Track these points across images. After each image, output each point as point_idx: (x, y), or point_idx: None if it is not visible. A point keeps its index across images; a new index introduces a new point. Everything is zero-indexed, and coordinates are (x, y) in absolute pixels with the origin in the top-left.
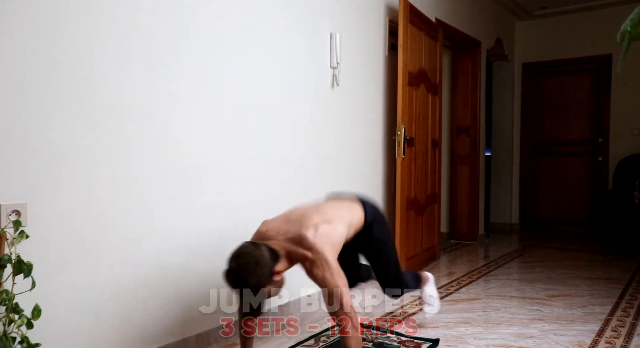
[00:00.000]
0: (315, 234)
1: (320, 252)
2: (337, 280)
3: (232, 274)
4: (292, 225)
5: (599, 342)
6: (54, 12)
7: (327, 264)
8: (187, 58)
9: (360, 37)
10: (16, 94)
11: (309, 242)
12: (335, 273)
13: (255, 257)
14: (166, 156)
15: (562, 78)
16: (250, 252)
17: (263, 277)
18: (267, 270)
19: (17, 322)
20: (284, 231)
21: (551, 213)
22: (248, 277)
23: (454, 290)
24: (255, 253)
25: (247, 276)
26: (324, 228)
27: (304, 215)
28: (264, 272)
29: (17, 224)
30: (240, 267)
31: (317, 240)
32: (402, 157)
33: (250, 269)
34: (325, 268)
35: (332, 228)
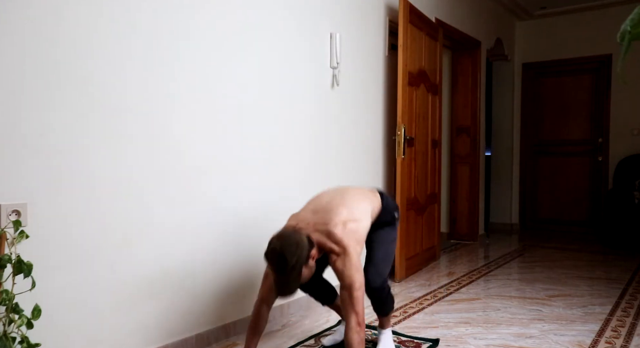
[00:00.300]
0: (343, 231)
1: (346, 248)
2: (355, 276)
3: (275, 253)
4: (320, 217)
5: (599, 342)
6: (54, 12)
7: (350, 260)
8: (187, 58)
9: (360, 37)
10: (16, 94)
11: (337, 238)
12: (354, 270)
13: (297, 239)
14: (166, 156)
15: (562, 78)
16: (292, 235)
17: (301, 258)
18: (305, 252)
19: (17, 322)
20: (313, 223)
21: (551, 213)
22: (289, 257)
23: (454, 290)
24: (296, 236)
25: (289, 256)
26: (351, 226)
27: (332, 207)
28: (303, 254)
29: (17, 224)
30: (283, 247)
31: (344, 237)
32: (402, 157)
33: (292, 250)
34: (347, 263)
35: (358, 226)
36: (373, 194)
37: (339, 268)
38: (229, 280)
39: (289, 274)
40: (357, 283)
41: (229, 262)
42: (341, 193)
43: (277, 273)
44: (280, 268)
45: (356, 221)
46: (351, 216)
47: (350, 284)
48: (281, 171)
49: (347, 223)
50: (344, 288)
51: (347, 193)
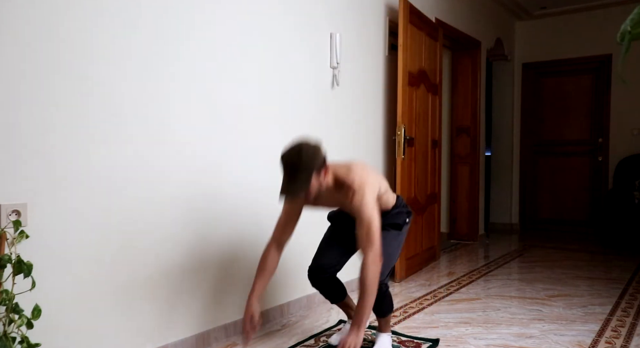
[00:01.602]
0: (361, 174)
1: (362, 188)
2: (372, 213)
3: (292, 149)
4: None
5: (599, 342)
6: (54, 13)
7: (365, 198)
8: (187, 58)
9: (360, 37)
10: (16, 94)
11: (354, 184)
12: (371, 207)
13: (316, 144)
14: (166, 156)
15: (562, 78)
16: (310, 142)
17: (316, 161)
18: (320, 159)
19: (17, 322)
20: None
21: (551, 213)
22: (304, 155)
23: (454, 290)
24: (314, 144)
25: (306, 151)
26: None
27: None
28: (318, 159)
29: (17, 224)
30: (301, 145)
31: (363, 182)
32: (402, 157)
33: (310, 150)
34: (363, 200)
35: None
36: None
37: (356, 204)
38: (229, 280)
39: (299, 172)
40: (374, 221)
41: (228, 261)
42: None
43: (288, 169)
44: (294, 163)
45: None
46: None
47: (369, 220)
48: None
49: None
50: (362, 225)
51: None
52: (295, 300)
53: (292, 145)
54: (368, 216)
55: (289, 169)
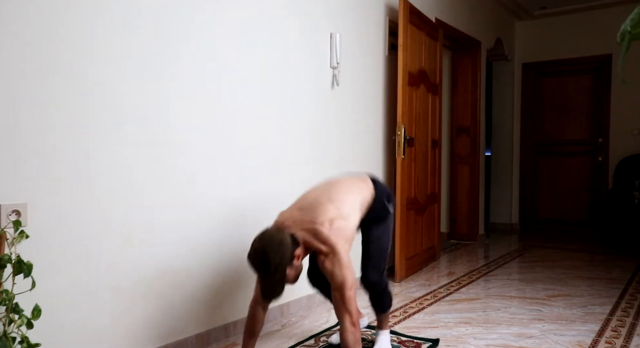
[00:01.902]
0: (330, 229)
1: (333, 246)
2: (346, 274)
3: (257, 253)
4: (306, 214)
5: (599, 342)
6: (54, 12)
7: (338, 259)
8: (187, 58)
9: (360, 37)
10: (16, 94)
11: (323, 237)
12: (344, 268)
13: (279, 239)
14: (166, 156)
15: (562, 78)
16: (273, 235)
17: (285, 257)
18: (289, 251)
19: (17, 322)
20: (299, 221)
21: (551, 214)
22: (271, 256)
23: (454, 290)
24: (278, 235)
25: (271, 255)
26: (339, 224)
27: (318, 204)
28: (286, 253)
29: (17, 224)
30: (264, 247)
31: (331, 235)
32: (402, 157)
33: (274, 248)
34: (335, 262)
35: (346, 224)
36: (364, 182)
37: (328, 269)
38: (229, 280)
39: (272, 275)
40: (348, 282)
41: (228, 261)
42: (329, 188)
43: (261, 275)
44: (264, 270)
45: (344, 219)
46: (338, 213)
47: (342, 284)
48: (281, 171)
49: (334, 222)
50: (335, 288)
51: (336, 187)
52: (295, 300)
53: (256, 249)
54: (341, 281)
55: (261, 276)
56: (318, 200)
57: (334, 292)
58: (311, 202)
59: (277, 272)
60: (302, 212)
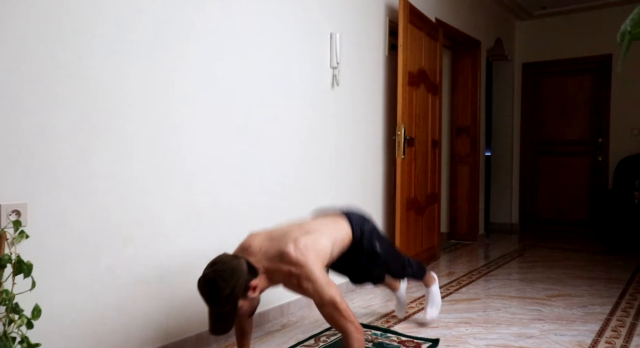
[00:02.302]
0: (296, 248)
1: (304, 265)
2: (327, 289)
3: (206, 281)
4: (274, 244)
5: (599, 342)
6: (54, 13)
7: (313, 276)
8: (187, 58)
9: (360, 37)
10: (16, 94)
11: (290, 257)
12: (323, 284)
13: (232, 266)
14: (166, 156)
15: (562, 78)
16: (227, 261)
17: (237, 288)
18: (242, 281)
19: (17, 322)
20: (265, 249)
21: (551, 214)
22: (222, 285)
23: (454, 290)
24: (232, 262)
25: (221, 284)
26: (305, 240)
27: (286, 232)
28: (239, 283)
29: (17, 224)
30: (215, 274)
31: (298, 253)
32: (402, 157)
33: (226, 277)
34: (312, 280)
35: (312, 239)
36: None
37: (308, 289)
38: None
39: (222, 307)
40: (336, 297)
41: None
42: (300, 223)
43: (209, 306)
44: (213, 300)
45: (310, 233)
46: (304, 231)
47: (330, 300)
48: (281, 171)
49: (300, 239)
50: (325, 306)
51: (307, 222)
52: (295, 300)
53: (205, 275)
54: (328, 298)
55: (210, 307)
56: (288, 230)
57: (323, 309)
58: (280, 234)
59: (228, 303)
60: (271, 241)
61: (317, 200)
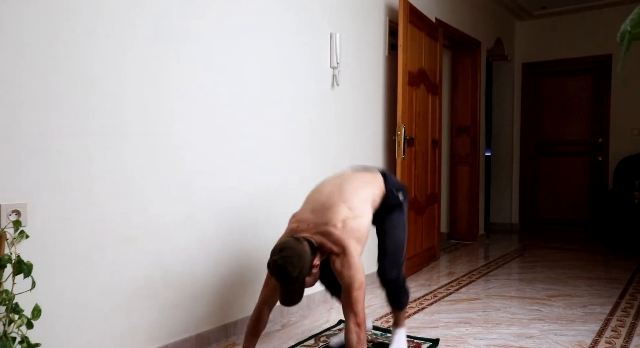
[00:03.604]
0: (343, 229)
1: (345, 247)
2: (356, 277)
3: (277, 267)
4: (319, 217)
5: (599, 342)
6: (53, 13)
7: (349, 261)
8: (187, 58)
9: (360, 37)
10: (16, 94)
11: (335, 237)
12: (353, 269)
13: (299, 251)
14: (165, 156)
15: (562, 78)
16: (294, 246)
17: (304, 269)
18: (308, 262)
19: (17, 322)
20: (313, 224)
21: (551, 214)
22: (291, 270)
23: (454, 290)
24: (298, 247)
25: (291, 269)
26: (352, 224)
27: (330, 205)
28: (306, 265)
29: (17, 224)
30: (284, 260)
31: (343, 236)
32: (402, 157)
33: (294, 262)
34: (345, 263)
35: (359, 223)
36: (374, 178)
37: (337, 269)
38: (229, 280)
39: (292, 285)
40: (356, 282)
41: (229, 261)
42: (340, 186)
43: (281, 284)
44: (284, 280)
45: (356, 218)
46: (351, 213)
47: (350, 284)
48: (281, 171)
49: (347, 222)
50: (343, 288)
51: (347, 185)
52: None
53: (275, 261)
54: (349, 282)
55: (281, 285)
56: (330, 200)
57: (342, 291)
58: (323, 202)
59: (297, 282)
60: (315, 214)
61: None
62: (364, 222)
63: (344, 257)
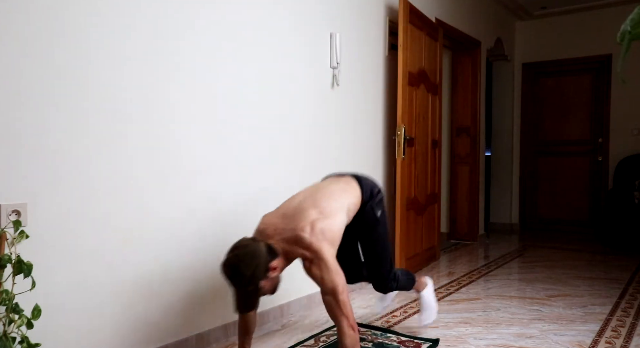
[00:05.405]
0: (312, 233)
1: (317, 251)
2: (335, 279)
3: (229, 264)
4: (288, 222)
5: (599, 342)
6: (53, 13)
7: (324, 263)
8: (186, 58)
9: (360, 37)
10: (16, 94)
11: (305, 242)
12: (332, 272)
13: (252, 250)
14: (165, 156)
15: (562, 78)
16: (248, 244)
17: (258, 269)
18: (263, 262)
19: (17, 322)
20: (280, 229)
21: (551, 213)
22: (244, 268)
23: (454, 290)
24: (252, 245)
25: (243, 267)
26: (321, 225)
27: (301, 210)
28: (260, 264)
29: (17, 224)
30: (237, 258)
31: (313, 239)
32: (402, 157)
33: (247, 260)
34: (322, 267)
35: (330, 223)
36: (348, 184)
37: (316, 275)
38: None
39: (245, 287)
40: (339, 286)
41: None
42: (313, 193)
43: (233, 287)
44: (236, 281)
45: (327, 218)
46: (320, 215)
47: (333, 289)
48: (281, 171)
49: (316, 224)
50: (327, 294)
51: (321, 192)
52: (295, 300)
53: (228, 259)
54: (332, 286)
55: (233, 287)
56: (301, 205)
57: (325, 296)
58: (295, 207)
59: (250, 284)
60: (285, 219)
61: None
62: (334, 222)
63: (320, 261)
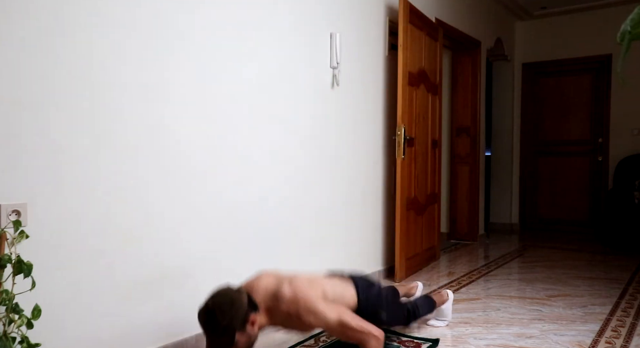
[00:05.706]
0: (290, 286)
1: (299, 299)
2: (331, 314)
3: (206, 311)
4: (276, 284)
5: (599, 342)
6: (53, 12)
7: (311, 307)
8: (187, 58)
9: (360, 37)
10: (16, 93)
11: (285, 297)
12: (325, 311)
13: (232, 298)
14: (166, 156)
15: (562, 78)
16: (228, 293)
17: (235, 319)
18: (241, 313)
19: (17, 322)
20: (267, 289)
21: (551, 213)
22: (220, 315)
23: (454, 290)
24: (233, 294)
25: (220, 314)
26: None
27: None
28: (238, 315)
29: (17, 224)
30: (215, 304)
31: (291, 291)
32: (402, 157)
33: (225, 308)
34: (311, 311)
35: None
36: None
37: (311, 323)
38: (229, 280)
39: (219, 338)
40: (343, 315)
41: (228, 261)
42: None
43: (207, 335)
44: (210, 330)
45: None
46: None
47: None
48: (281, 171)
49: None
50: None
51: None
52: None
53: (206, 305)
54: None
55: (207, 336)
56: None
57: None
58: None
59: (225, 334)
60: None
61: (317, 200)
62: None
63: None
